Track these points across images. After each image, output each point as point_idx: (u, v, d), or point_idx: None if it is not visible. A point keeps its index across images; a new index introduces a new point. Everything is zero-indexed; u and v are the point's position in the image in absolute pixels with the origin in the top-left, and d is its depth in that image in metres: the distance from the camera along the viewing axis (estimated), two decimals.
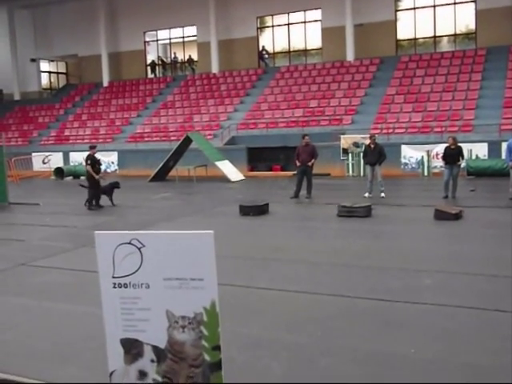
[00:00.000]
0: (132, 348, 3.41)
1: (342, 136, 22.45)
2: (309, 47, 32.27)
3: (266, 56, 32.67)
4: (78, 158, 26.56)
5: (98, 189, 15.12)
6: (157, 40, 36.42)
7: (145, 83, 34.82)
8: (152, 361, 3.39)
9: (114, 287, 3.31)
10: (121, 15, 35.29)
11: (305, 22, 31.80)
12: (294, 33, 32.29)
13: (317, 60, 31.46)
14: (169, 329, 3.31)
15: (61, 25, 36.75)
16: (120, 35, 35.69)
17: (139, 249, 3.21)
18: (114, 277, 3.29)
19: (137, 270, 3.25)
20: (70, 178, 25.38)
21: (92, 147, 15.72)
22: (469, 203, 13.45)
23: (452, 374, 4.56)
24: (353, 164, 21.97)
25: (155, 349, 3.37)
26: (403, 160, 21.42)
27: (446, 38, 29.58)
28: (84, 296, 6.93)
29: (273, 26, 32.82)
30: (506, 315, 5.82)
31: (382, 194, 15.07)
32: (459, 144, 14.85)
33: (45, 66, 41.00)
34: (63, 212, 14.97)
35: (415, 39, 29.74)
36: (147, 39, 36.08)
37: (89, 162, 15.20)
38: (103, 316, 3.41)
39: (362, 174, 20.89)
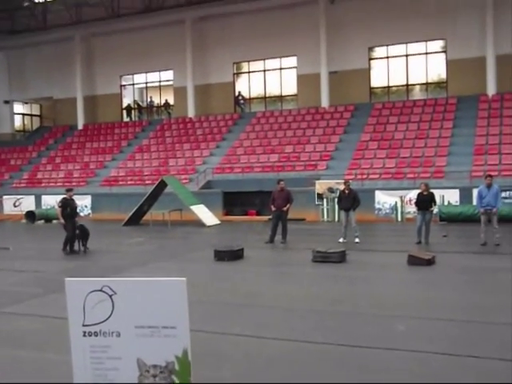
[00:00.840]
0: None
1: (316, 181, 22.67)
2: (284, 93, 32.83)
3: (242, 101, 33.12)
4: (51, 201, 26.32)
5: (72, 233, 14.79)
6: (133, 84, 36.70)
7: (120, 127, 34.90)
8: None
9: (84, 335, 3.24)
10: (97, 59, 35.61)
11: (281, 69, 32.44)
12: (270, 79, 32.89)
13: (292, 106, 31.99)
14: (140, 377, 3.24)
15: (36, 67, 36.92)
16: (96, 78, 35.91)
17: (110, 296, 3.17)
18: (84, 325, 3.23)
19: (108, 318, 3.19)
20: (42, 221, 25.04)
21: (68, 190, 15.50)
22: (441, 249, 13.58)
23: None
24: (328, 209, 22.12)
25: None
26: (377, 205, 21.66)
27: (418, 87, 30.40)
28: (53, 343, 6.75)
29: (249, 72, 33.39)
30: (479, 361, 5.83)
31: (357, 240, 15.14)
32: (431, 190, 15.09)
33: (18, 107, 40.87)
34: (34, 256, 14.71)
35: (388, 87, 30.50)
36: (123, 83, 36.34)
37: (60, 204, 14.94)
38: (72, 366, 3.33)
39: (336, 219, 21.02)
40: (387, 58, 30.11)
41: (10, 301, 9.27)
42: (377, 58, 30.44)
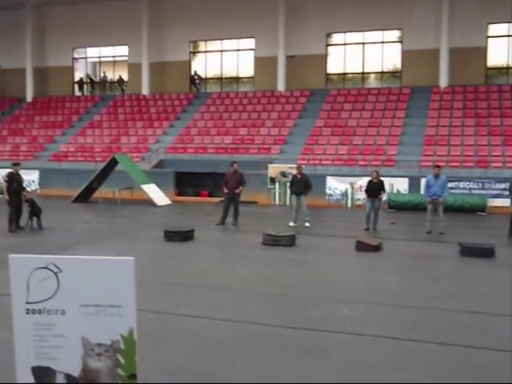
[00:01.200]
0: (44, 376, 3.27)
1: (269, 165, 22.74)
2: (241, 75, 32.67)
3: (198, 81, 32.78)
4: None
5: (17, 209, 14.35)
6: (86, 57, 35.70)
7: (71, 101, 34.02)
8: None
9: (28, 313, 3.17)
10: (49, 29, 34.41)
11: (238, 50, 32.22)
12: (227, 60, 32.63)
13: (248, 88, 31.88)
14: (84, 356, 3.21)
15: None
16: (47, 50, 34.77)
17: (56, 274, 3.10)
18: (27, 302, 3.16)
19: (52, 296, 3.13)
20: None
21: (15, 164, 14.83)
22: (389, 235, 13.89)
23: None
24: (279, 193, 22.25)
25: (68, 377, 3.24)
26: (328, 191, 21.91)
27: (373, 75, 30.74)
28: None
29: (206, 52, 33.04)
30: (420, 344, 6.02)
31: (307, 224, 15.31)
32: (381, 178, 15.37)
33: None
34: None
35: (344, 74, 30.72)
36: (76, 56, 35.36)
37: (6, 178, 14.35)
38: (14, 343, 3.26)
39: (288, 203, 21.18)
40: (344, 44, 30.28)
41: None
42: (334, 45, 30.57)
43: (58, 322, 3.17)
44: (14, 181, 14.26)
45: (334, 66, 30.64)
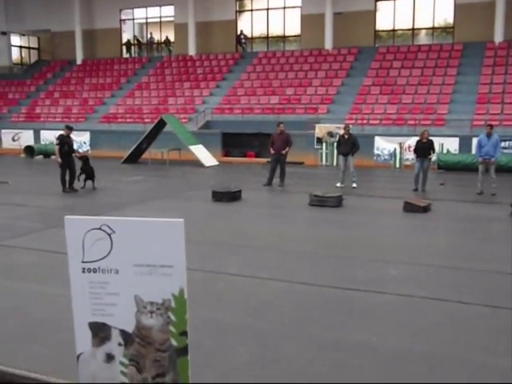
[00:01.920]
0: (100, 331, 3.42)
1: (316, 125, 22.54)
2: (287, 33, 32.21)
3: (244, 40, 32.50)
4: (49, 136, 26.23)
5: (69, 170, 14.61)
6: (133, 19, 35.86)
7: (119, 63, 34.35)
8: (119, 344, 3.41)
9: (83, 272, 3.32)
10: None
11: (284, 8, 31.69)
12: (273, 18, 32.15)
13: (295, 47, 31.43)
14: (137, 314, 3.34)
15: None
16: (95, 12, 35.05)
17: (109, 235, 3.22)
18: (83, 261, 3.29)
19: (106, 256, 3.26)
20: (41, 156, 25.04)
21: (69, 128, 14.98)
22: (438, 196, 13.69)
23: (411, 363, 4.69)
24: (326, 153, 22.10)
25: (123, 333, 3.39)
26: (376, 151, 21.64)
27: (424, 31, 29.81)
28: (53, 277, 6.90)
29: (252, 10, 32.63)
30: (467, 307, 6.00)
31: (354, 185, 15.23)
32: (431, 138, 15.05)
33: (16, 40, 39.98)
34: (33, 191, 14.79)
35: (394, 31, 29.90)
36: (123, 17, 35.52)
37: (58, 141, 14.57)
38: (72, 299, 3.42)
39: (335, 163, 21.04)
40: (394, 0, 29.40)
41: (10, 234, 9.41)
42: (383, 0, 29.70)
43: (112, 281, 3.31)
44: (65, 143, 14.55)
45: (383, 22, 29.84)
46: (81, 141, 25.83)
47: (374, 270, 7.49)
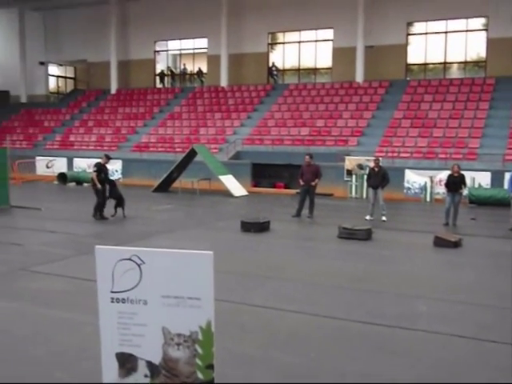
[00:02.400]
0: (127, 362, 3.45)
1: (346, 157, 22.52)
2: (319, 66, 32.49)
3: (276, 72, 32.86)
4: (82, 164, 26.75)
5: (102, 198, 14.83)
6: (167, 50, 36.69)
7: (153, 93, 35.02)
8: (146, 376, 3.42)
9: (112, 302, 3.36)
10: (132, 23, 35.61)
11: (316, 41, 32.04)
12: (305, 51, 32.51)
13: (326, 79, 31.65)
14: (164, 345, 3.35)
15: (71, 29, 37.10)
16: (130, 43, 35.97)
17: (139, 265, 3.26)
18: (112, 291, 3.34)
19: (135, 286, 3.29)
20: (73, 183, 25.48)
21: (107, 157, 15.32)
22: (469, 231, 13.47)
23: None
24: (356, 186, 22.01)
25: (149, 364, 3.41)
26: (406, 184, 21.47)
27: (456, 65, 29.77)
28: (81, 304, 6.96)
29: (284, 43, 33.08)
30: (501, 346, 5.84)
31: (384, 218, 15.10)
32: (462, 172, 14.90)
33: (53, 69, 41.26)
34: (64, 218, 15.04)
35: (425, 64, 29.94)
36: (157, 49, 36.35)
37: (95, 168, 14.87)
38: (100, 329, 3.45)
39: (364, 196, 20.93)
40: (426, 34, 29.48)
41: (42, 260, 9.54)
42: (415, 34, 29.82)
43: (140, 312, 3.34)
44: (101, 171, 14.82)
45: (415, 55, 29.92)
46: (113, 169, 26.15)
47: (402, 305, 7.38)
